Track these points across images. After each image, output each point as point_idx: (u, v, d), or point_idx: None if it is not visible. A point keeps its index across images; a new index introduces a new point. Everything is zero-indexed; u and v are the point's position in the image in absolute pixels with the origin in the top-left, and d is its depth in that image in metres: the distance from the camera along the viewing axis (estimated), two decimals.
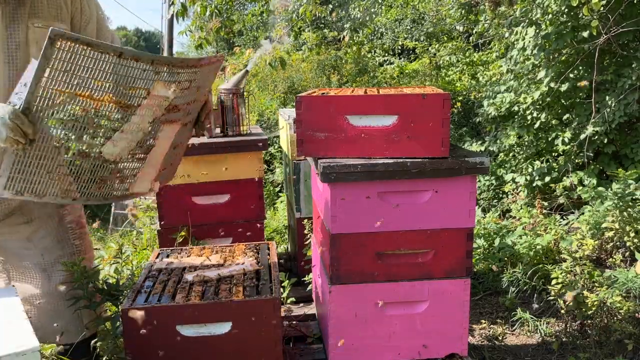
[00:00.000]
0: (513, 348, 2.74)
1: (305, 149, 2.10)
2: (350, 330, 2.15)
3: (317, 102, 2.06)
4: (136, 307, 1.83)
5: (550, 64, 4.52)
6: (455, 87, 7.23)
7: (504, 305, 3.13)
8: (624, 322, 2.65)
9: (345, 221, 2.05)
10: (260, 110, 7.13)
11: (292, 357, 2.29)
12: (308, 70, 8.43)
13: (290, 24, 5.97)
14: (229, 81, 3.08)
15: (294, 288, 3.05)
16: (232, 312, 1.83)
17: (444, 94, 2.01)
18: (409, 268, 2.12)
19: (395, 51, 10.24)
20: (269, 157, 6.25)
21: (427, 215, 2.08)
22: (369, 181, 2.01)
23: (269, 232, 4.50)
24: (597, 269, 3.18)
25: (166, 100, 1.58)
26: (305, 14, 5.65)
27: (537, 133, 4.77)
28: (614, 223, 3.42)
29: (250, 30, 12.59)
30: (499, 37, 6.28)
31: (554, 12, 4.35)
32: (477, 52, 8.27)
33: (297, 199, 3.17)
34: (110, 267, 2.81)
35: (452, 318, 2.17)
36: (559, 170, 4.56)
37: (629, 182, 3.52)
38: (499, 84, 5.31)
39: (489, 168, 2.07)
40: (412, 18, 9.45)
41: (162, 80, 1.54)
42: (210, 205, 2.92)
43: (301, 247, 3.12)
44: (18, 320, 1.52)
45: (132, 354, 1.83)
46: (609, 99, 4.22)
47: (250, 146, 2.92)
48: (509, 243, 3.55)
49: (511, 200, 4.80)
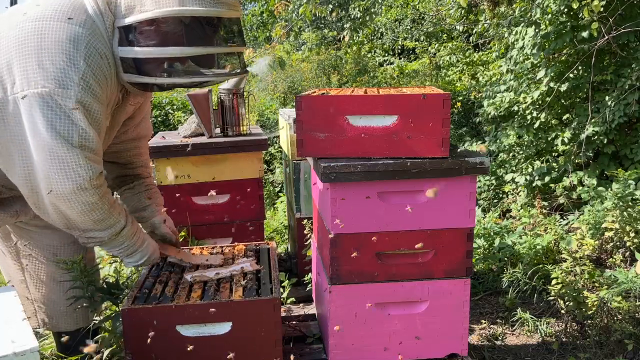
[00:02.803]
0: (513, 348, 2.74)
1: (305, 149, 2.10)
2: (350, 330, 2.14)
3: (317, 102, 2.06)
4: (136, 307, 1.83)
5: (550, 64, 4.52)
6: (455, 87, 7.23)
7: (504, 305, 3.13)
8: (624, 322, 2.65)
9: (345, 221, 2.05)
10: (260, 110, 7.13)
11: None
12: (308, 70, 8.43)
13: (290, 23, 5.97)
14: (229, 81, 3.08)
15: (294, 288, 3.05)
16: (232, 312, 1.83)
17: (444, 94, 2.01)
18: (409, 268, 2.12)
19: (395, 51, 10.24)
20: (269, 157, 6.25)
21: (427, 215, 2.08)
22: (369, 181, 2.01)
23: (269, 232, 4.49)
24: (597, 269, 3.18)
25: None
26: (305, 14, 5.65)
27: (537, 133, 4.77)
28: (614, 223, 3.42)
29: (250, 30, 12.59)
30: (498, 37, 6.29)
31: (553, 12, 4.34)
32: (477, 52, 8.28)
33: (297, 199, 3.17)
34: (110, 266, 2.81)
35: (452, 318, 2.17)
36: (558, 170, 4.56)
37: (629, 182, 3.52)
38: (499, 83, 5.31)
39: (489, 168, 2.07)
40: (412, 18, 9.45)
41: None
42: (210, 205, 2.92)
43: (301, 247, 3.12)
44: (17, 320, 1.52)
45: (132, 354, 1.83)
46: (609, 99, 4.22)
47: (250, 146, 2.92)
48: (509, 243, 3.55)
49: (511, 200, 4.79)
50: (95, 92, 1.70)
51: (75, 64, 1.65)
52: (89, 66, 1.67)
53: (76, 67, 1.65)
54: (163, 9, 1.70)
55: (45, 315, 2.18)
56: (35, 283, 2.16)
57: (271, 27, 6.65)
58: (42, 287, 2.16)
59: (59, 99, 1.63)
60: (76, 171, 1.70)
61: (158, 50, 1.73)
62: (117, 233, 1.89)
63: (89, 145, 1.72)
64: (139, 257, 2.01)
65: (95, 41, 1.70)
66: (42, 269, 2.14)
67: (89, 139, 1.71)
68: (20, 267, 2.16)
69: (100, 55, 1.71)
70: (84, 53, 1.66)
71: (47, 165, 1.68)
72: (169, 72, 1.79)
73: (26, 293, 2.18)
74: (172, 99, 7.04)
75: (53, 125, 1.64)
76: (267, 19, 7.21)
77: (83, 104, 1.67)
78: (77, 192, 1.72)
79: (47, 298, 2.16)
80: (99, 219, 1.81)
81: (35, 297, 2.16)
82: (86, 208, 1.76)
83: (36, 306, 2.17)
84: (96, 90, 1.71)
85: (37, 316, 2.19)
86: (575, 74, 4.51)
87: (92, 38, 1.69)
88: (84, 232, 1.85)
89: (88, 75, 1.67)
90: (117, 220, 1.88)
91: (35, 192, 1.76)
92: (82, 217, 1.78)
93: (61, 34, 1.66)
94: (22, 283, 2.16)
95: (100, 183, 1.78)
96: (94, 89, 1.69)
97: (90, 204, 1.76)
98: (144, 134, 2.28)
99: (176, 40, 1.72)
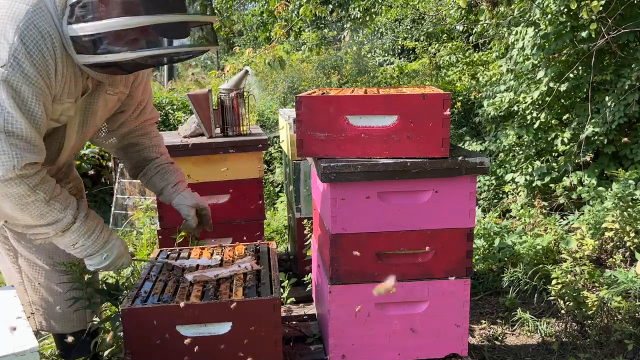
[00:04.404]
0: (513, 348, 2.74)
1: (305, 149, 2.10)
2: (350, 330, 2.14)
3: (317, 102, 2.06)
4: (136, 307, 1.83)
5: (550, 64, 4.52)
6: (455, 87, 7.23)
7: (504, 305, 3.13)
8: (624, 322, 2.65)
9: (345, 221, 2.05)
10: (260, 110, 7.14)
11: (292, 357, 2.29)
12: (308, 70, 8.43)
13: (290, 23, 5.97)
14: (229, 81, 3.08)
15: (294, 288, 3.05)
16: (232, 312, 1.83)
17: (444, 94, 2.01)
18: (409, 268, 2.12)
19: (395, 51, 10.24)
20: (269, 157, 6.26)
21: (427, 215, 2.08)
22: (369, 181, 2.01)
23: (269, 232, 4.50)
24: (597, 269, 3.18)
25: None
26: (305, 14, 5.65)
27: (537, 133, 4.77)
28: (614, 223, 3.43)
29: (250, 30, 12.59)
30: (498, 37, 6.28)
31: (553, 12, 4.35)
32: (477, 52, 8.27)
33: (297, 199, 3.17)
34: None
35: (452, 318, 2.17)
36: (558, 170, 4.56)
37: (629, 182, 3.52)
38: (499, 83, 5.31)
39: (489, 168, 2.07)
40: (412, 18, 9.45)
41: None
42: (210, 205, 2.91)
43: (301, 247, 3.12)
44: (17, 320, 1.52)
45: (132, 354, 1.83)
46: (609, 99, 4.22)
47: (250, 146, 2.92)
48: (509, 243, 3.55)
49: (511, 200, 4.79)
50: (27, 74, 1.54)
51: (8, 41, 1.51)
52: (23, 44, 1.52)
53: (8, 44, 1.51)
54: None
55: (43, 318, 2.16)
56: (32, 285, 2.13)
57: (271, 27, 6.64)
58: (39, 289, 2.14)
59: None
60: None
61: (108, 23, 1.54)
62: (64, 229, 1.75)
63: (15, 131, 1.56)
64: (98, 259, 1.86)
65: (38, 19, 1.54)
66: (39, 272, 2.11)
67: (15, 124, 1.56)
68: (19, 269, 2.14)
69: (42, 34, 1.54)
70: (21, 30, 1.52)
71: None
72: (124, 47, 1.58)
73: (24, 295, 2.18)
74: (172, 99, 7.05)
75: None
76: (267, 19, 7.21)
77: (10, 84, 1.53)
78: (1, 182, 1.58)
79: (44, 301, 2.13)
80: (37, 214, 1.67)
81: (32, 299, 2.15)
82: (17, 201, 1.62)
83: (34, 308, 2.16)
84: (29, 72, 1.54)
85: (34, 319, 2.19)
86: (575, 74, 4.52)
87: (34, 15, 1.54)
88: (27, 228, 1.74)
89: (20, 54, 1.52)
90: (61, 216, 1.72)
91: None
92: (17, 212, 1.65)
93: (2, 10, 1.53)
94: (20, 285, 2.15)
95: (29, 173, 1.62)
96: (25, 70, 1.54)
97: (19, 195, 1.61)
98: (147, 117, 2.17)
99: (132, 10, 1.54)
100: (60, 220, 1.73)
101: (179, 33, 1.65)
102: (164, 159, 2.21)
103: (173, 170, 2.20)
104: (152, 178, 2.17)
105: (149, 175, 2.17)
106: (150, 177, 2.17)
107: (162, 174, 2.17)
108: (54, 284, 2.11)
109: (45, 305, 2.14)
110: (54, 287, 2.11)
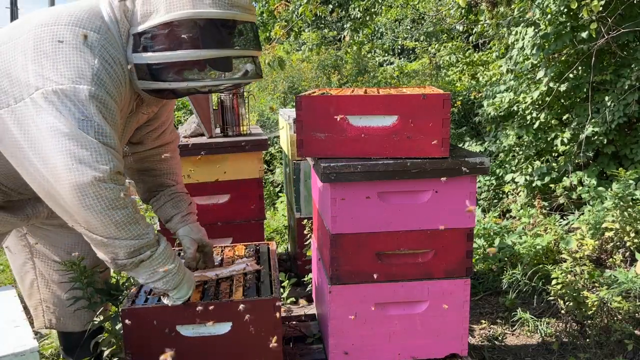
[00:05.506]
0: (513, 348, 2.74)
1: (305, 149, 2.10)
2: (350, 330, 2.14)
3: (317, 102, 2.06)
4: (136, 307, 1.83)
5: (550, 64, 4.52)
6: (455, 87, 7.23)
7: (504, 305, 3.13)
8: (624, 322, 2.65)
9: (345, 221, 2.05)
10: (260, 110, 7.14)
11: (292, 357, 2.29)
12: (308, 70, 8.43)
13: (290, 23, 5.97)
14: None
15: (294, 288, 3.05)
16: (232, 312, 1.83)
17: (444, 94, 2.01)
18: (409, 268, 2.12)
19: (395, 51, 10.24)
20: (269, 157, 6.26)
21: (427, 215, 2.08)
22: (369, 181, 2.01)
23: (269, 232, 4.50)
24: (597, 269, 3.18)
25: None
26: (305, 14, 5.65)
27: (537, 133, 4.77)
28: (614, 223, 3.43)
29: None
30: (498, 37, 6.29)
31: (552, 12, 4.35)
32: (477, 52, 8.28)
33: (297, 199, 3.17)
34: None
35: (452, 318, 2.17)
36: (558, 170, 4.56)
37: (629, 182, 3.52)
38: (499, 84, 5.31)
39: (489, 168, 2.07)
40: (412, 18, 9.45)
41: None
42: (210, 205, 2.92)
43: (301, 247, 3.12)
44: (17, 320, 1.52)
45: (132, 354, 1.83)
46: (609, 99, 4.22)
47: (250, 146, 2.92)
48: (509, 243, 3.55)
49: (511, 201, 4.80)
50: (109, 90, 1.67)
51: (89, 63, 1.63)
52: (102, 66, 1.66)
53: (90, 66, 1.63)
54: (177, 12, 1.67)
55: (53, 316, 2.18)
56: (46, 282, 2.17)
57: (271, 27, 6.63)
58: (52, 287, 2.17)
59: (72, 94, 1.60)
60: (93, 163, 1.60)
61: (172, 55, 1.70)
62: (148, 248, 1.73)
63: (107, 142, 1.65)
64: (185, 291, 1.83)
65: (109, 46, 1.68)
66: (54, 268, 2.15)
67: (105, 134, 1.65)
68: (33, 266, 2.17)
69: (113, 60, 1.69)
70: (98, 55, 1.65)
71: (62, 159, 1.60)
72: (184, 77, 1.75)
73: (36, 293, 2.19)
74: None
75: (68, 120, 1.59)
76: (267, 19, 7.20)
77: (97, 98, 1.64)
78: (96, 184, 1.60)
79: (56, 297, 2.16)
80: (121, 222, 1.66)
81: (44, 296, 2.18)
82: (108, 204, 1.62)
83: (44, 306, 2.18)
84: (110, 89, 1.68)
85: (44, 316, 2.20)
86: (575, 74, 4.51)
87: (106, 43, 1.68)
88: (100, 245, 1.70)
89: (102, 74, 1.65)
90: (145, 231, 1.72)
91: (52, 195, 1.67)
92: (104, 218, 1.63)
93: (77, 38, 1.65)
94: (34, 283, 2.18)
95: (121, 180, 1.68)
96: (107, 87, 1.67)
97: (111, 199, 1.63)
98: (167, 140, 2.21)
99: (191, 44, 1.68)
100: (143, 236, 1.71)
101: (230, 65, 1.81)
102: (179, 187, 2.24)
103: (187, 200, 2.22)
104: (164, 204, 2.18)
105: (162, 202, 2.19)
106: (162, 204, 2.19)
107: (176, 202, 2.18)
108: (68, 280, 2.13)
109: (58, 302, 2.17)
110: (68, 285, 2.13)
